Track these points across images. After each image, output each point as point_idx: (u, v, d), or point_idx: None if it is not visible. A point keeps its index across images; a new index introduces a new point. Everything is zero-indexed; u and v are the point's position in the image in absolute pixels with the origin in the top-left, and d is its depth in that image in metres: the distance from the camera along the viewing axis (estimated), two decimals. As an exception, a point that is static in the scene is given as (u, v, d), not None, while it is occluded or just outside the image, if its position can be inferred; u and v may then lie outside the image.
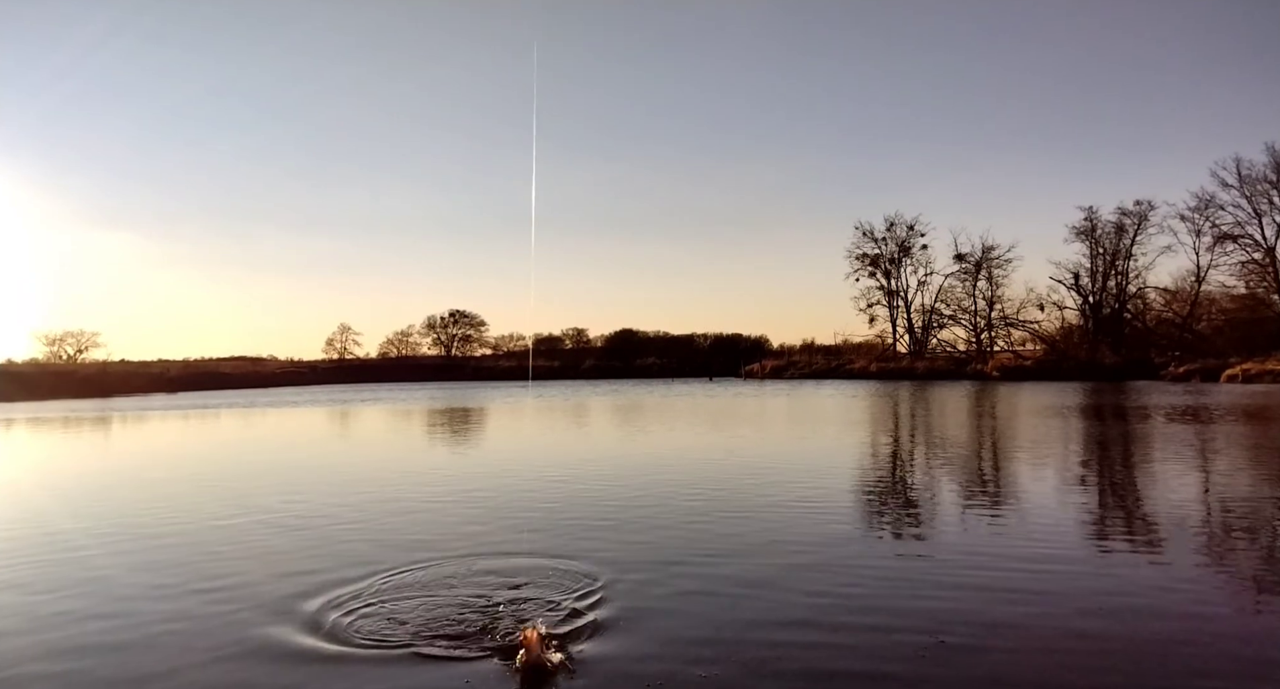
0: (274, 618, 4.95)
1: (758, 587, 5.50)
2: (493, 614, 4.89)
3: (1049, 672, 4.03)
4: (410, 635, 4.58)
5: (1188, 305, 60.68)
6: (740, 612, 4.96)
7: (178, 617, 5.03)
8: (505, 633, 4.53)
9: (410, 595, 5.35)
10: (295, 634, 4.66)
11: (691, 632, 4.62)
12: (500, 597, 5.25)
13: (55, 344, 73.65)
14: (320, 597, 5.35)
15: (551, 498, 9.32)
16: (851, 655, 4.23)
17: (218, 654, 4.37)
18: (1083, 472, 11.24)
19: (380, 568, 6.08)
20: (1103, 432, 16.93)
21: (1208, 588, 5.45)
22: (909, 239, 72.70)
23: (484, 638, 4.51)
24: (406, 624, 4.76)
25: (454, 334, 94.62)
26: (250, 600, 5.34)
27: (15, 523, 8.46)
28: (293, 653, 4.38)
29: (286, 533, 7.62)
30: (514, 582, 5.60)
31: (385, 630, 4.68)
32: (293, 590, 5.54)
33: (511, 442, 17.70)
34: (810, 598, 5.24)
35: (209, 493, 10.25)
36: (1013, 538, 6.98)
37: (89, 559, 6.69)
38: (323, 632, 4.68)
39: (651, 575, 5.80)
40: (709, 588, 5.49)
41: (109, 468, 13.75)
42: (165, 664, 4.26)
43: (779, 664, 4.12)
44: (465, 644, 4.43)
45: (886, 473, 11.61)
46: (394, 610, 5.03)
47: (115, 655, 4.39)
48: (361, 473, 12.35)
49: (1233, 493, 9.08)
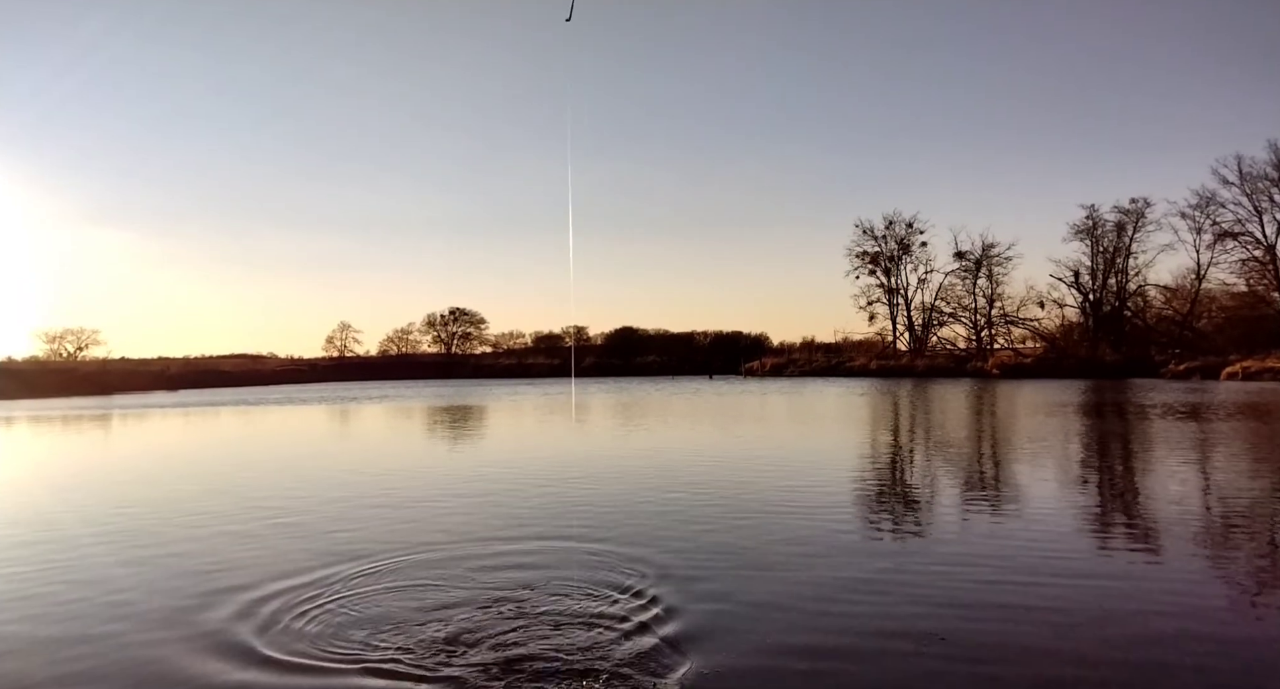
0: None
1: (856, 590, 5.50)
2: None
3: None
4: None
5: (1188, 303, 60.62)
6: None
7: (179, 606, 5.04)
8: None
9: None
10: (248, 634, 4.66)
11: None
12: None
13: (56, 342, 73.69)
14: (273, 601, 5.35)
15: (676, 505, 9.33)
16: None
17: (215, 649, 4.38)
18: (1109, 470, 11.24)
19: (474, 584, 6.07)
20: (1105, 430, 16.92)
21: (1208, 587, 5.45)
22: (909, 237, 72.68)
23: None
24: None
25: (454, 332, 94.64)
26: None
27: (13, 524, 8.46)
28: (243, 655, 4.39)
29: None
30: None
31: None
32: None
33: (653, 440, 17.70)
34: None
35: (233, 503, 10.23)
36: (1013, 540, 6.98)
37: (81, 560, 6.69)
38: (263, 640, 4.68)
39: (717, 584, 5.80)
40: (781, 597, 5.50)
41: (105, 466, 13.75)
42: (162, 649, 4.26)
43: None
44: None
45: (891, 472, 11.61)
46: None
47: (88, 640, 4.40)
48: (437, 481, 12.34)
49: (1232, 491, 9.08)
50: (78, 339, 74.16)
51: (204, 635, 4.67)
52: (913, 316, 73.14)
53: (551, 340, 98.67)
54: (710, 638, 4.46)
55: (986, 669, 4.03)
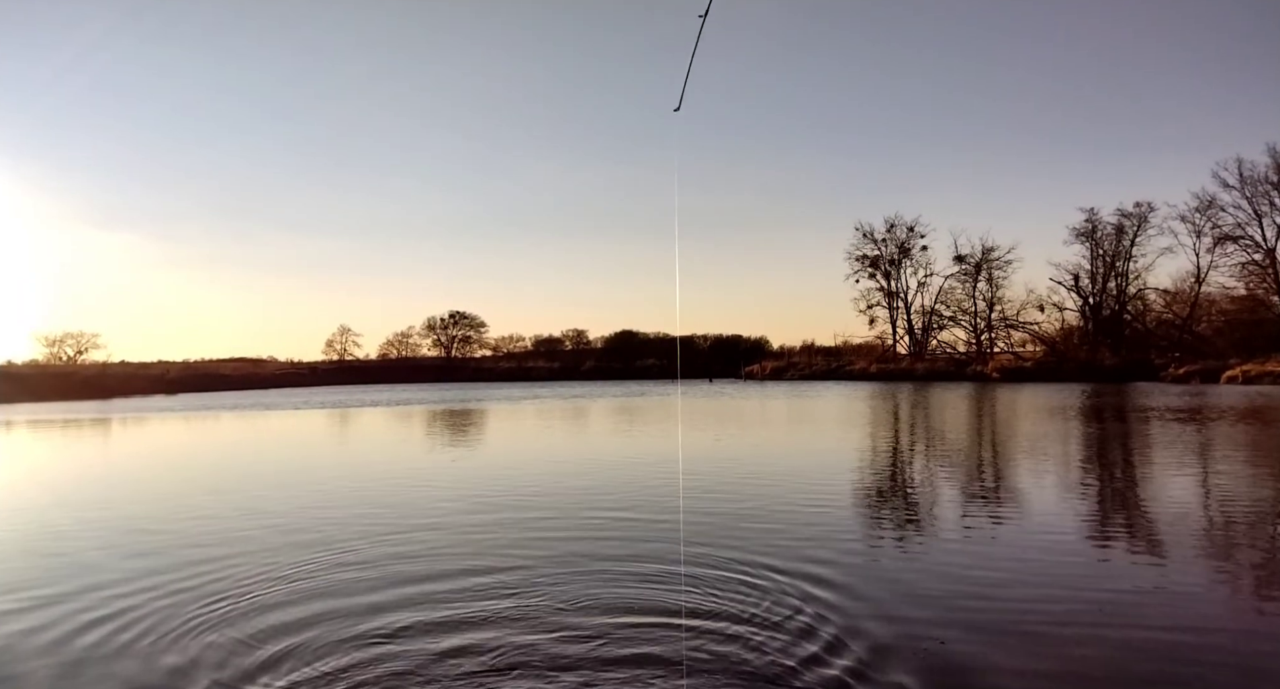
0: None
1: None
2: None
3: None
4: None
5: (1188, 307, 60.62)
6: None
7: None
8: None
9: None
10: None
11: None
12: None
13: (55, 345, 73.65)
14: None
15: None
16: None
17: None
18: (1111, 477, 11.22)
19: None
20: (1106, 434, 16.90)
21: (1209, 591, 5.43)
22: (909, 240, 72.74)
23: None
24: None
25: (454, 335, 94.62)
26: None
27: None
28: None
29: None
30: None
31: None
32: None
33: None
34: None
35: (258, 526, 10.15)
36: (1015, 542, 6.95)
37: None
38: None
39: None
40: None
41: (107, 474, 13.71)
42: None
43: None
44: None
45: (892, 476, 11.60)
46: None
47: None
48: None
49: (1232, 495, 9.06)
50: (77, 342, 74.22)
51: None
52: (913, 320, 73.25)
53: (552, 343, 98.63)
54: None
55: (986, 672, 4.02)
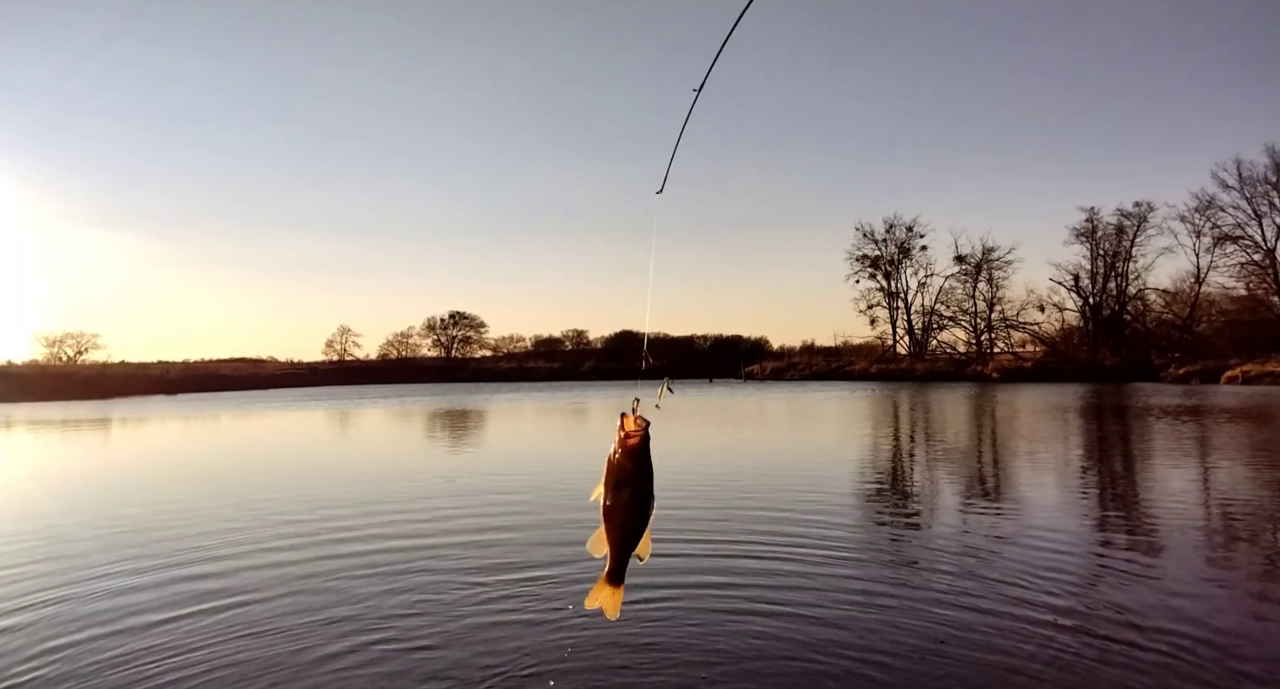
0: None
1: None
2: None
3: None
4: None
5: (1188, 307, 60.65)
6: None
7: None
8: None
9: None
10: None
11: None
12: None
13: (55, 345, 73.58)
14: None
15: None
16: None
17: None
18: (1112, 477, 11.22)
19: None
20: (1106, 434, 16.90)
21: (1209, 594, 5.41)
22: (909, 240, 72.80)
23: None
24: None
25: (454, 335, 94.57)
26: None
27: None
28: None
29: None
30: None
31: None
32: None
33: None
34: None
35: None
36: (1014, 545, 6.95)
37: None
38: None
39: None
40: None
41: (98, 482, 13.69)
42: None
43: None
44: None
45: (896, 479, 11.59)
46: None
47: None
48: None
49: (1232, 497, 9.06)
50: (77, 343, 74.16)
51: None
52: (913, 320, 73.28)
53: (551, 344, 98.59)
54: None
55: (981, 675, 4.01)
